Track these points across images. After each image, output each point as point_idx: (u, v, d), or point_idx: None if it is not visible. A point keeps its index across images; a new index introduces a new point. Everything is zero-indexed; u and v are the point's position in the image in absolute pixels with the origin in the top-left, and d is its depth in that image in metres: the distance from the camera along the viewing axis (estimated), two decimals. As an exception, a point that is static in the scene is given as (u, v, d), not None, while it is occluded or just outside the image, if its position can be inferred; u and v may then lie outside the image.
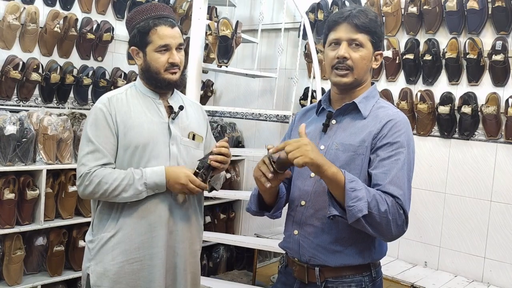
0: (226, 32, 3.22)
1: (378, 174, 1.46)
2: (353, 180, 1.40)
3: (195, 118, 2.00)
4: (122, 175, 1.78)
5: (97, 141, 1.80)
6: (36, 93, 3.27)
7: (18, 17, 3.04)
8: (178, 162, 1.88)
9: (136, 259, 1.82)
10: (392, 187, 1.42)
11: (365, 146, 1.50)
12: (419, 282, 2.85)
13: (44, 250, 3.02)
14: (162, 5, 1.93)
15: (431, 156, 3.14)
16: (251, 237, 3.70)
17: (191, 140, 1.93)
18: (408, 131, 1.52)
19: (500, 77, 2.86)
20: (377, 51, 1.58)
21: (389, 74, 3.29)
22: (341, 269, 1.52)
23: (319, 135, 1.60)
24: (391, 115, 1.53)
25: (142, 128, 1.83)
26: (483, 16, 2.90)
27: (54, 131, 2.90)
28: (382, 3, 3.27)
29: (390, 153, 1.47)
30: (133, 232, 1.82)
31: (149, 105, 1.89)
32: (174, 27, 1.88)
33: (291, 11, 3.86)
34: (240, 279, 3.92)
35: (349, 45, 1.53)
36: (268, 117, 4.05)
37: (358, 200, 1.37)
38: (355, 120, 1.56)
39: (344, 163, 1.50)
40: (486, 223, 2.93)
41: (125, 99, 1.88)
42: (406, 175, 1.46)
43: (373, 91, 1.61)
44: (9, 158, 2.75)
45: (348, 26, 1.53)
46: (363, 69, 1.56)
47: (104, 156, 1.80)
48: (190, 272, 1.96)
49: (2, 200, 2.74)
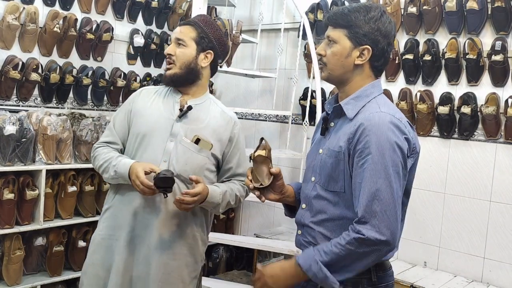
0: None
1: (356, 184, 1.45)
2: (309, 267, 1.42)
3: (213, 127, 1.98)
4: (108, 157, 1.94)
5: (114, 121, 2.03)
6: (36, 93, 3.26)
7: (18, 17, 3.04)
8: (171, 159, 1.90)
9: (113, 237, 1.94)
10: (359, 207, 1.42)
11: (343, 152, 1.48)
12: (418, 282, 2.85)
13: (43, 250, 3.02)
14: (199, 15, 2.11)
15: (431, 156, 3.14)
16: (250, 237, 3.70)
17: (192, 143, 1.92)
18: (378, 136, 1.42)
19: (500, 77, 2.86)
20: (362, 46, 1.51)
21: (389, 74, 3.29)
22: None
23: (321, 139, 1.63)
24: (365, 118, 1.46)
25: (149, 118, 1.95)
26: (483, 16, 2.90)
27: (54, 131, 2.90)
28: (381, 3, 3.27)
29: (362, 160, 1.43)
30: (118, 212, 1.95)
31: (168, 101, 1.99)
32: (183, 25, 1.98)
33: (291, 11, 3.86)
34: (240, 279, 3.92)
35: (328, 42, 1.55)
36: (268, 117, 4.05)
37: (324, 280, 1.41)
38: (344, 123, 1.54)
39: (331, 169, 1.51)
40: (485, 223, 2.93)
41: (153, 92, 2.04)
42: (374, 185, 1.39)
43: (368, 90, 1.54)
44: (9, 158, 2.75)
45: (328, 24, 1.56)
46: (336, 65, 1.53)
47: (112, 135, 2.01)
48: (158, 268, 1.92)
49: (2, 200, 2.74)
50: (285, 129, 3.77)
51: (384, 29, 1.51)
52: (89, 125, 3.08)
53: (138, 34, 3.72)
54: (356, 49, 1.51)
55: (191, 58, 1.96)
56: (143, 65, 3.85)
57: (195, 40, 1.96)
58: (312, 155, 1.64)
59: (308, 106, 3.51)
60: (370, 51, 1.51)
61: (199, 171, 1.93)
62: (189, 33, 1.96)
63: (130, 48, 3.73)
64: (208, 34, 1.97)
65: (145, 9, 3.77)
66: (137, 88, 3.67)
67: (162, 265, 1.92)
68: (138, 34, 3.72)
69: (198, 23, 1.98)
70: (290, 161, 3.80)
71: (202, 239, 2.03)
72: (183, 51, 1.95)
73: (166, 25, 3.95)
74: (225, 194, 1.96)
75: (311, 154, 1.65)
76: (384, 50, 1.53)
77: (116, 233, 1.94)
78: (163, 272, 1.92)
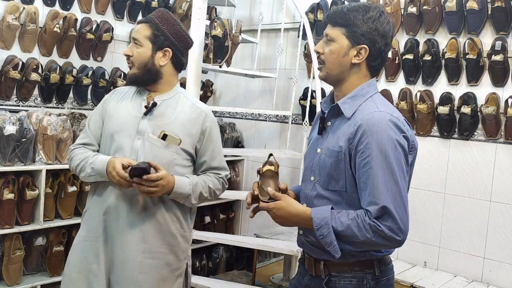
0: (217, 32, 3.22)
1: (361, 184, 1.47)
2: (319, 227, 1.45)
3: (182, 121, 1.94)
4: (84, 156, 1.94)
5: (89, 123, 2.04)
6: (36, 93, 3.26)
7: (18, 17, 3.04)
8: (138, 157, 1.89)
9: (88, 238, 1.94)
10: (370, 205, 1.43)
11: (343, 152, 1.50)
12: (418, 282, 2.85)
13: (43, 250, 3.02)
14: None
15: (431, 156, 3.14)
16: (250, 237, 3.70)
17: (159, 139, 1.89)
18: (379, 135, 1.44)
19: (500, 77, 2.86)
20: (359, 45, 1.52)
21: (389, 74, 3.29)
22: (343, 264, 1.54)
23: (318, 138, 1.64)
24: (365, 118, 1.48)
25: (118, 118, 1.96)
26: (483, 16, 2.90)
27: (54, 131, 2.90)
28: (381, 3, 3.27)
29: (364, 160, 1.45)
30: (94, 213, 1.95)
31: (136, 100, 1.98)
32: (139, 24, 1.97)
33: (291, 11, 3.86)
34: (240, 279, 3.92)
35: (326, 40, 1.57)
36: (268, 117, 4.05)
37: (328, 246, 1.45)
38: (342, 122, 1.55)
39: (331, 169, 1.53)
40: (485, 223, 2.93)
41: (124, 92, 2.03)
42: (383, 183, 1.42)
43: (364, 89, 1.56)
44: (9, 158, 2.75)
45: (327, 22, 1.58)
46: (334, 63, 1.55)
47: (87, 137, 2.01)
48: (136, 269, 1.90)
49: (2, 200, 2.74)
50: (285, 129, 3.77)
51: (382, 29, 1.52)
52: (89, 125, 3.08)
53: (138, 34, 3.71)
54: (353, 48, 1.53)
55: (147, 58, 1.92)
56: (143, 65, 3.85)
57: (150, 39, 1.91)
58: (310, 155, 1.65)
59: (308, 106, 3.51)
60: (367, 50, 1.53)
61: (168, 167, 1.88)
62: (143, 32, 1.92)
63: (130, 48, 3.73)
64: (163, 31, 1.91)
65: (145, 9, 3.77)
66: (137, 88, 3.68)
67: (138, 264, 1.89)
68: (138, 34, 3.71)
69: (153, 20, 1.93)
70: (290, 161, 3.80)
71: (183, 236, 1.98)
72: (139, 52, 1.93)
73: (166, 25, 3.95)
74: (196, 185, 1.92)
75: (309, 154, 1.66)
76: (381, 50, 1.55)
77: (91, 234, 1.93)
78: (139, 272, 1.89)
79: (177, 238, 1.96)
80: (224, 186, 2.05)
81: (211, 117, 2.02)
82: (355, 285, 1.53)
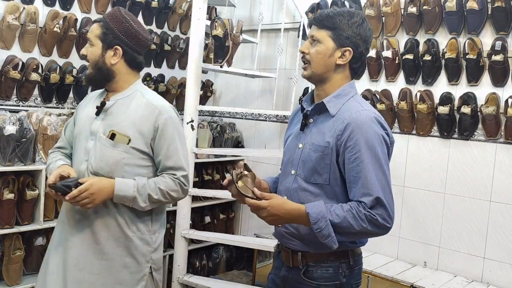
0: (217, 32, 3.22)
1: (350, 178, 1.57)
2: (316, 221, 1.52)
3: (133, 120, 1.89)
4: (50, 161, 2.01)
5: (65, 127, 2.12)
6: (36, 93, 3.26)
7: (18, 17, 3.04)
8: (89, 157, 1.91)
9: (52, 241, 2.01)
10: (364, 196, 1.54)
11: (330, 148, 1.60)
12: (418, 282, 2.85)
13: (43, 250, 3.01)
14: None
15: (431, 156, 3.14)
16: (250, 237, 3.70)
17: (107, 138, 1.88)
18: (367, 132, 1.56)
19: (500, 77, 2.86)
20: (344, 48, 1.63)
21: (389, 74, 3.29)
22: (320, 255, 1.65)
23: (299, 134, 1.73)
24: (351, 117, 1.58)
25: (79, 121, 2.01)
26: (483, 16, 2.90)
27: (54, 131, 2.90)
28: (381, 3, 3.27)
29: (354, 155, 1.56)
30: (60, 218, 2.02)
31: (97, 101, 2.01)
32: (93, 23, 1.99)
33: (291, 11, 3.86)
34: (240, 279, 3.92)
35: (312, 41, 1.66)
36: (268, 117, 4.05)
37: (326, 238, 1.53)
38: (326, 119, 1.65)
39: (315, 163, 1.62)
40: (485, 223, 2.93)
41: (94, 95, 2.08)
42: (375, 175, 1.54)
43: (346, 89, 1.67)
44: (9, 158, 2.75)
45: (313, 24, 1.68)
46: (320, 63, 1.64)
47: (62, 141, 2.11)
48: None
49: (2, 200, 2.74)
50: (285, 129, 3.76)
51: (364, 34, 1.65)
52: (89, 125, 3.08)
53: (138, 34, 3.71)
54: (338, 49, 1.64)
55: (98, 57, 1.92)
56: (143, 65, 3.85)
57: (100, 38, 1.91)
58: (290, 150, 1.74)
59: (308, 106, 3.51)
60: (351, 53, 1.64)
61: (116, 166, 1.87)
62: (95, 31, 1.93)
63: (130, 48, 3.73)
64: (113, 29, 1.90)
65: (145, 9, 3.77)
66: (137, 88, 3.68)
67: (89, 265, 1.89)
68: (138, 34, 3.71)
69: (104, 19, 1.93)
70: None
71: (141, 238, 1.94)
72: (91, 51, 1.94)
73: (166, 25, 3.96)
74: (143, 187, 1.86)
75: (289, 149, 1.75)
76: (362, 53, 1.67)
77: (54, 237, 2.01)
78: (90, 272, 1.89)
79: (133, 241, 1.92)
80: (183, 188, 1.94)
81: (167, 113, 1.92)
82: (331, 274, 1.65)
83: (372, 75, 3.39)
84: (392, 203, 1.56)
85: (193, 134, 3.27)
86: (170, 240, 3.63)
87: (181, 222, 3.30)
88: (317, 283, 1.65)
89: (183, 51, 3.98)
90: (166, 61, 4.01)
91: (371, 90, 3.35)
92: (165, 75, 3.97)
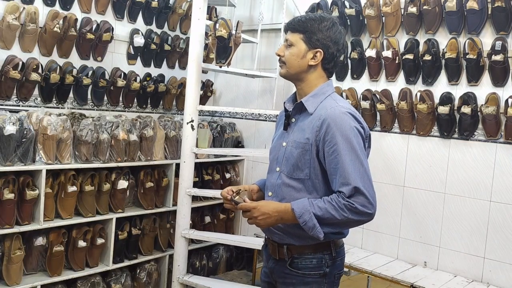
0: (222, 32, 3.22)
1: (331, 170, 1.69)
2: (301, 215, 1.66)
3: None
4: None
5: None
6: (36, 93, 3.26)
7: (18, 17, 3.04)
8: None
9: None
10: (342, 186, 1.65)
11: (310, 143, 1.73)
12: (418, 282, 2.85)
13: (43, 250, 3.02)
14: None
15: (431, 156, 3.14)
16: (250, 237, 3.70)
17: None
18: (342, 125, 1.67)
19: (500, 77, 2.86)
20: (315, 49, 1.76)
21: (389, 74, 3.29)
22: (304, 247, 1.78)
23: (283, 133, 1.87)
24: (328, 112, 1.71)
25: None
26: (483, 16, 2.90)
27: (54, 131, 2.90)
28: (381, 3, 3.27)
29: (332, 148, 1.68)
30: None
31: None
32: None
33: (291, 11, 3.86)
34: (240, 279, 3.92)
35: (286, 45, 1.81)
36: (268, 117, 4.05)
37: (312, 230, 1.66)
38: (306, 117, 1.79)
39: (297, 159, 1.76)
40: (485, 223, 2.93)
41: None
42: (352, 165, 1.64)
43: (323, 89, 1.80)
44: (9, 158, 2.75)
45: (287, 29, 1.83)
46: (293, 64, 1.79)
47: None
48: None
49: (2, 200, 2.73)
50: (285, 129, 3.77)
51: (334, 37, 1.78)
52: (89, 125, 3.08)
53: (138, 34, 3.72)
54: (310, 51, 1.78)
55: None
56: (143, 65, 3.85)
57: None
58: (275, 149, 1.88)
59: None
60: (322, 54, 1.78)
61: None
62: None
63: (130, 48, 3.73)
64: None
65: (145, 9, 3.77)
66: (137, 88, 3.69)
67: None
68: (138, 34, 3.72)
69: None
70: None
71: None
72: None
73: (166, 25, 3.96)
74: None
75: (275, 148, 1.89)
76: (333, 55, 1.80)
77: None
78: None
79: None
80: None
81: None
82: (315, 265, 1.78)
83: (372, 75, 3.39)
84: (372, 190, 1.66)
85: (193, 134, 3.27)
86: (170, 240, 3.63)
87: (181, 222, 3.30)
88: (302, 273, 1.78)
89: (183, 51, 3.98)
90: (166, 61, 4.01)
91: (371, 90, 3.35)
92: (165, 75, 3.97)
